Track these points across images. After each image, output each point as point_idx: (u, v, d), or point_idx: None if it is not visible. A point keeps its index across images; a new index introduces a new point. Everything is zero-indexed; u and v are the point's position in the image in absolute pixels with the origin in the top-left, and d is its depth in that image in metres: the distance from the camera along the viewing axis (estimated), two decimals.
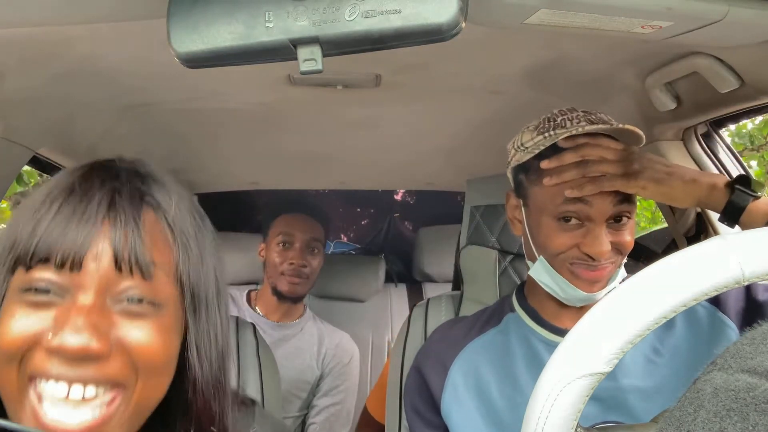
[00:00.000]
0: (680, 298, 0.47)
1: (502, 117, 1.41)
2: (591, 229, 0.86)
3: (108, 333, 0.51)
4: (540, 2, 0.68)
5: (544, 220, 0.89)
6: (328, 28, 0.60)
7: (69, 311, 0.51)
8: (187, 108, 1.39)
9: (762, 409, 0.31)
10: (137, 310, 0.54)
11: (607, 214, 0.86)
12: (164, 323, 0.55)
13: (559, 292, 0.91)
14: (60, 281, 0.52)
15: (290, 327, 1.75)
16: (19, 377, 0.51)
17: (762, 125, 4.32)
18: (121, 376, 0.52)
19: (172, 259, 0.57)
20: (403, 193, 4.01)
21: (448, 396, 0.94)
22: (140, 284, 0.54)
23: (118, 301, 0.53)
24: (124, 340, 0.52)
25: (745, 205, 0.85)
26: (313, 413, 1.73)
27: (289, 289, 1.70)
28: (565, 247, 0.88)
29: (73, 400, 0.50)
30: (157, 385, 0.56)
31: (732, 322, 0.88)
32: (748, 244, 0.46)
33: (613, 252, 0.87)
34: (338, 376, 1.75)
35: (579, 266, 0.88)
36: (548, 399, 0.49)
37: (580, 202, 0.86)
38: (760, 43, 0.82)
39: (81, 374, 0.50)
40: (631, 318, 0.47)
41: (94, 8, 0.72)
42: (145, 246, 0.54)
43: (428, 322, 1.20)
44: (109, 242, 0.53)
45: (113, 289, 0.53)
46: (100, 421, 0.51)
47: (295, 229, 1.72)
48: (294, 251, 1.70)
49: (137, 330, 0.53)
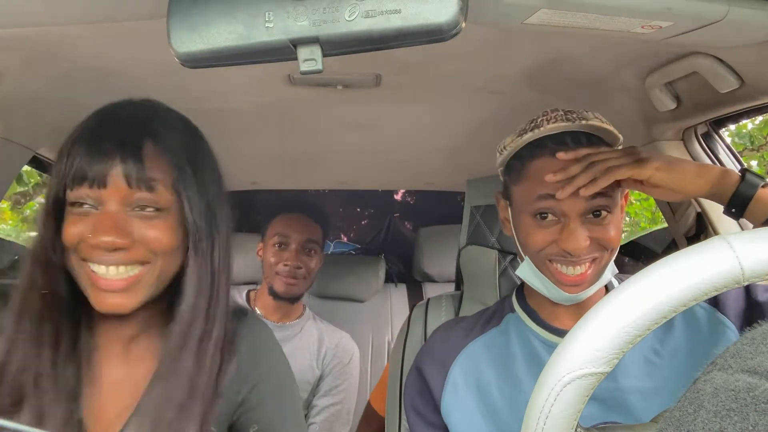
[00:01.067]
0: (680, 298, 0.47)
1: (502, 117, 1.41)
2: (566, 225, 0.87)
3: (129, 231, 0.75)
4: (540, 2, 0.68)
5: (524, 218, 0.91)
6: (328, 28, 0.60)
7: (101, 217, 0.75)
8: (187, 108, 1.39)
9: (762, 409, 0.31)
10: (147, 214, 0.77)
11: (580, 208, 0.86)
12: (169, 222, 0.78)
13: (545, 292, 0.91)
14: (93, 195, 0.75)
15: (290, 327, 1.75)
16: (76, 258, 0.76)
17: (762, 125, 4.33)
18: (144, 258, 0.77)
19: (170, 176, 0.78)
20: (403, 193, 4.01)
21: (448, 395, 0.94)
22: (146, 195, 0.76)
23: (133, 209, 0.77)
24: (142, 236, 0.76)
25: (753, 193, 0.84)
26: (313, 413, 1.73)
27: (285, 290, 1.70)
28: (544, 243, 0.88)
29: (112, 273, 0.75)
30: (172, 262, 0.80)
31: (731, 322, 0.88)
32: (748, 245, 0.46)
33: (594, 247, 0.87)
34: (338, 376, 1.75)
35: (559, 264, 0.88)
36: (548, 399, 0.49)
37: (551, 198, 0.87)
38: (760, 43, 0.82)
39: (114, 259, 0.75)
40: (631, 318, 0.47)
41: (94, 8, 0.72)
42: (146, 169, 0.76)
43: (428, 322, 1.20)
44: (121, 169, 0.75)
45: (128, 200, 0.76)
46: (134, 278, 0.76)
47: (291, 230, 1.72)
48: (289, 252, 1.70)
49: (150, 228, 0.77)
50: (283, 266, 1.69)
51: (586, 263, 0.87)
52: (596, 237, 0.87)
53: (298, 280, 1.70)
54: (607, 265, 0.90)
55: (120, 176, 0.75)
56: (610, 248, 0.89)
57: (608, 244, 0.88)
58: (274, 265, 1.70)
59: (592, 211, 0.87)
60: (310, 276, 1.74)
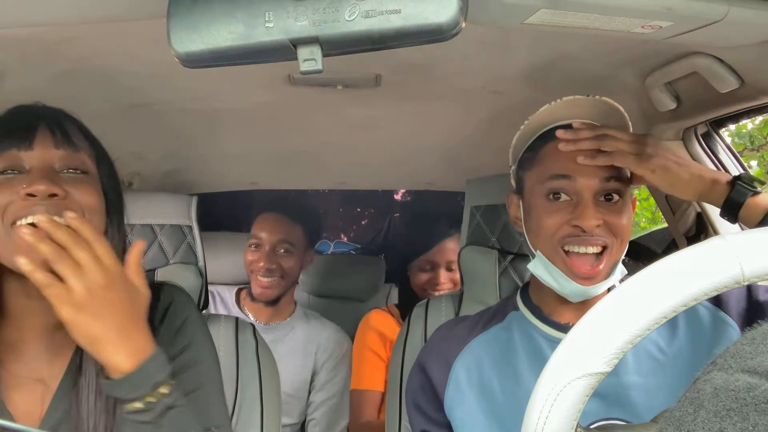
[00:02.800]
0: (680, 298, 0.47)
1: (502, 117, 1.41)
2: (579, 203, 0.88)
3: (61, 185, 0.77)
4: (540, 2, 0.68)
5: (536, 202, 0.92)
6: (328, 28, 0.60)
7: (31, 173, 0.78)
8: (187, 108, 1.39)
9: (762, 409, 0.31)
10: (74, 175, 0.81)
11: (593, 189, 0.88)
12: (94, 186, 0.83)
13: (556, 286, 0.91)
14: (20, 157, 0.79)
15: (280, 328, 1.74)
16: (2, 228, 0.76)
17: (762, 125, 4.33)
18: (76, 210, 0.77)
19: (88, 146, 0.85)
20: (403, 193, 4.01)
21: (451, 391, 0.95)
22: (72, 155, 0.81)
23: (61, 171, 0.80)
24: (72, 193, 0.79)
25: (743, 200, 0.88)
26: (311, 409, 1.72)
27: (259, 293, 1.69)
28: (557, 224, 0.89)
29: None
30: (97, 221, 0.82)
31: (734, 321, 0.88)
32: (748, 244, 0.46)
33: (605, 231, 0.88)
34: (331, 370, 1.74)
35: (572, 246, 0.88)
36: (548, 399, 0.49)
37: (564, 178, 0.89)
38: (760, 43, 0.82)
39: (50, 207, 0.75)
40: (631, 317, 0.47)
41: (94, 8, 0.72)
42: (69, 134, 0.82)
43: (428, 322, 1.20)
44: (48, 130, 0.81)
45: (56, 160, 0.80)
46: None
47: (264, 231, 1.71)
48: (261, 253, 1.69)
49: (78, 188, 0.80)
50: (256, 266, 1.69)
51: (599, 246, 0.88)
52: (608, 220, 0.88)
53: (271, 280, 1.68)
54: (618, 262, 0.91)
55: (46, 136, 0.80)
56: (620, 236, 0.89)
57: (619, 231, 0.88)
58: (249, 265, 1.70)
59: (605, 193, 0.89)
60: (287, 277, 1.71)
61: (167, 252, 1.18)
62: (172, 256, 1.18)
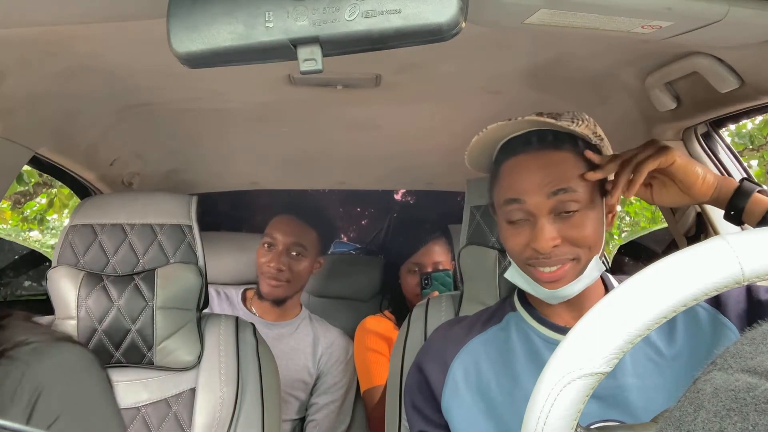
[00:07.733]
0: (680, 298, 0.47)
1: (502, 117, 1.41)
2: (534, 224, 0.87)
3: None
4: (540, 2, 0.68)
5: (500, 223, 0.93)
6: (328, 28, 0.60)
7: None
8: (187, 108, 1.39)
9: (762, 409, 0.31)
10: None
11: (546, 207, 0.86)
12: None
13: (532, 292, 0.92)
14: None
15: (285, 326, 1.76)
16: None
17: (762, 125, 4.33)
18: None
19: None
20: (403, 193, 4.01)
21: (448, 392, 0.95)
22: None
23: None
24: None
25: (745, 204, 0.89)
26: (312, 411, 1.73)
27: (268, 291, 1.71)
28: (519, 247, 0.89)
29: None
30: None
31: (732, 324, 0.88)
32: (748, 244, 0.46)
33: (566, 245, 0.86)
34: (337, 374, 1.76)
35: (535, 264, 0.88)
36: (548, 399, 0.49)
37: (516, 202, 0.88)
38: (760, 43, 0.82)
39: None
40: (631, 318, 0.47)
41: (94, 8, 0.72)
42: None
43: (428, 322, 1.20)
44: None
45: None
46: None
47: (279, 232, 1.72)
48: (273, 253, 1.71)
49: None
50: (267, 267, 1.70)
51: (559, 264, 0.87)
52: (568, 236, 0.86)
53: (281, 282, 1.70)
54: (590, 263, 0.89)
55: None
56: (586, 246, 0.87)
57: (582, 242, 0.87)
58: (261, 266, 1.72)
59: (561, 210, 0.87)
60: (296, 279, 1.73)
61: (167, 252, 1.18)
62: (172, 255, 1.18)
